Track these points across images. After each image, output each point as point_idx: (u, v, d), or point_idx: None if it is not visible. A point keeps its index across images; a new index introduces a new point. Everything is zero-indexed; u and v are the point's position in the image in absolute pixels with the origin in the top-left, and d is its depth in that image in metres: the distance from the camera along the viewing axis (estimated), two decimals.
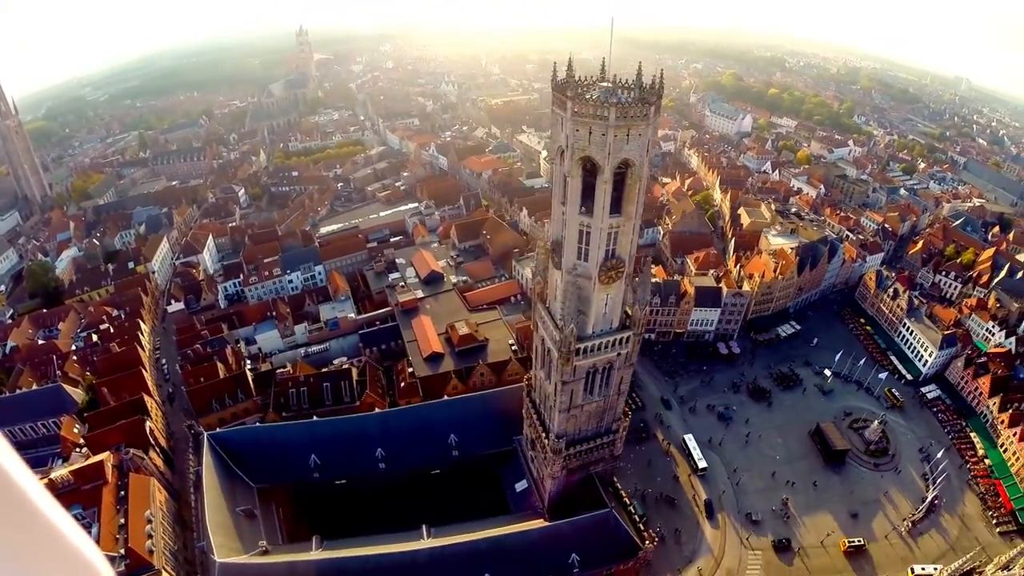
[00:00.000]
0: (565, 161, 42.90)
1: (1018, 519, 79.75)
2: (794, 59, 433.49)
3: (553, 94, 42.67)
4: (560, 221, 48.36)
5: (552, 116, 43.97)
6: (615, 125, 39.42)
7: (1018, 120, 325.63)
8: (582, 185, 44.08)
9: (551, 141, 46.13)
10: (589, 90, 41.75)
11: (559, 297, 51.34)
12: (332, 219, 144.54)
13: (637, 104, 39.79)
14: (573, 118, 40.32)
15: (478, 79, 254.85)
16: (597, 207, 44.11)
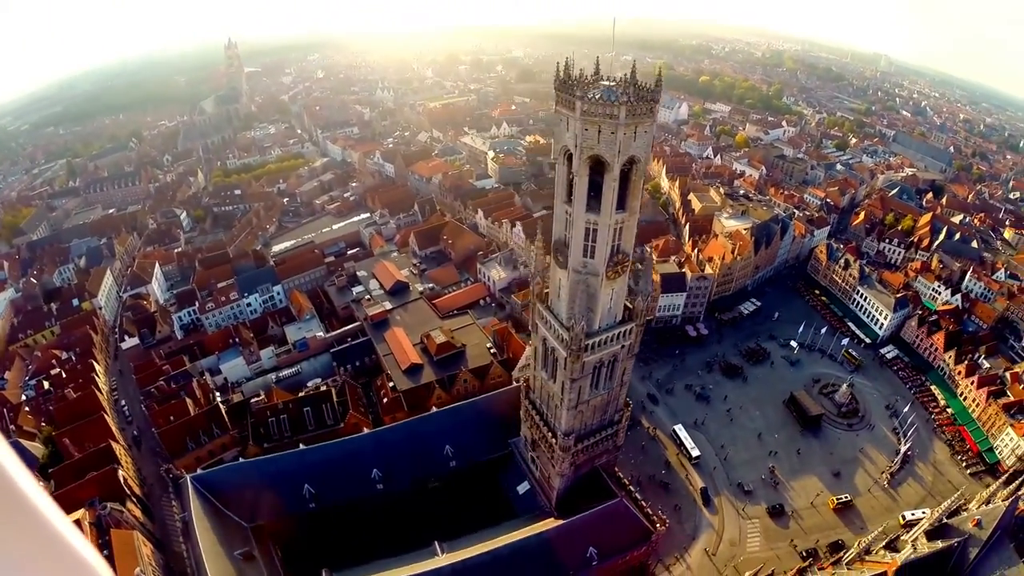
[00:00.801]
0: (574, 161, 44.20)
1: (985, 460, 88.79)
2: (720, 46, 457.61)
3: (558, 95, 43.86)
4: (564, 220, 49.81)
5: (555, 117, 45.18)
6: (625, 123, 41.08)
7: (937, 91, 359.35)
8: (589, 184, 45.62)
9: (554, 142, 47.29)
10: (590, 89, 43.36)
11: (565, 296, 52.87)
12: (283, 236, 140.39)
13: (644, 102, 41.78)
14: (582, 118, 41.50)
15: (413, 83, 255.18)
16: (604, 204, 45.77)
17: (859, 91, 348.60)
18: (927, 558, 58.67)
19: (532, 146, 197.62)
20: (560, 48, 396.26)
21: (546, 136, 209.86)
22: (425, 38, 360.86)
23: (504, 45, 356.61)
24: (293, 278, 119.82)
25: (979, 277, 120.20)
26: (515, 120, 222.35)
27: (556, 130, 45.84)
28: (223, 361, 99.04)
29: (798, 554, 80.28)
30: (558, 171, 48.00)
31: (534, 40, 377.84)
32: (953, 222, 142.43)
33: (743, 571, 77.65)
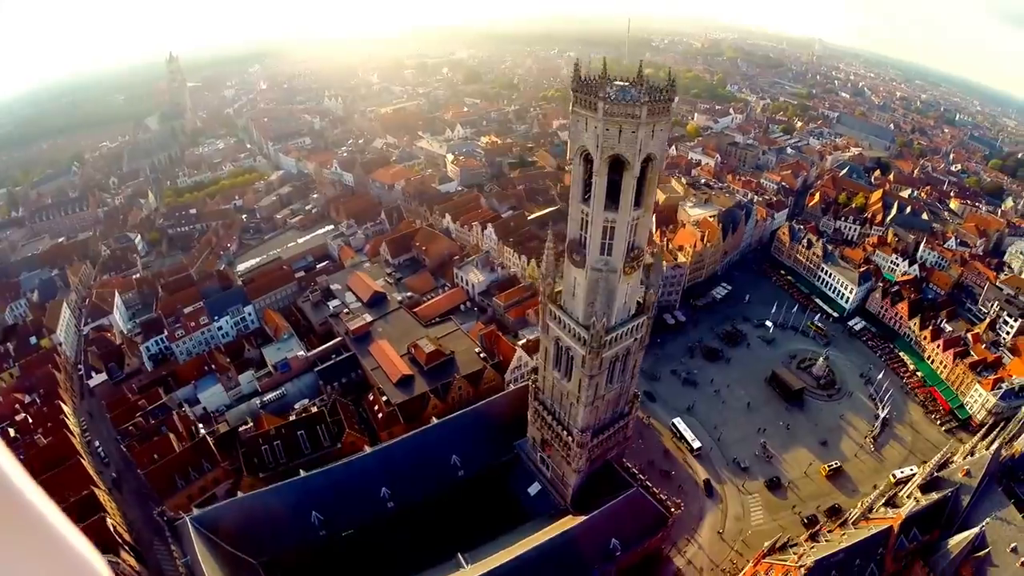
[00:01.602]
0: (594, 161, 45.68)
1: (957, 416, 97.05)
2: (660, 38, 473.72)
3: (576, 96, 44.98)
4: (579, 220, 51.34)
5: (573, 118, 46.38)
6: (646, 122, 42.96)
7: (872, 71, 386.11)
8: (608, 182, 47.37)
9: (570, 143, 48.81)
10: (604, 89, 45.08)
11: (581, 295, 54.46)
12: (247, 254, 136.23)
13: (662, 100, 43.86)
14: (605, 118, 42.98)
15: (360, 90, 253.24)
16: (623, 202, 47.57)
17: (798, 76, 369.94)
18: (926, 508, 64.07)
19: (490, 147, 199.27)
20: (503, 47, 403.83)
21: (501, 136, 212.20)
22: (367, 44, 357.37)
23: (447, 47, 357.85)
24: (264, 297, 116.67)
25: (932, 247, 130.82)
26: (468, 122, 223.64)
27: (572, 131, 47.27)
28: (200, 390, 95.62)
29: (801, 522, 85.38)
30: (574, 171, 49.49)
31: (476, 41, 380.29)
32: (902, 197, 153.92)
33: (752, 544, 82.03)
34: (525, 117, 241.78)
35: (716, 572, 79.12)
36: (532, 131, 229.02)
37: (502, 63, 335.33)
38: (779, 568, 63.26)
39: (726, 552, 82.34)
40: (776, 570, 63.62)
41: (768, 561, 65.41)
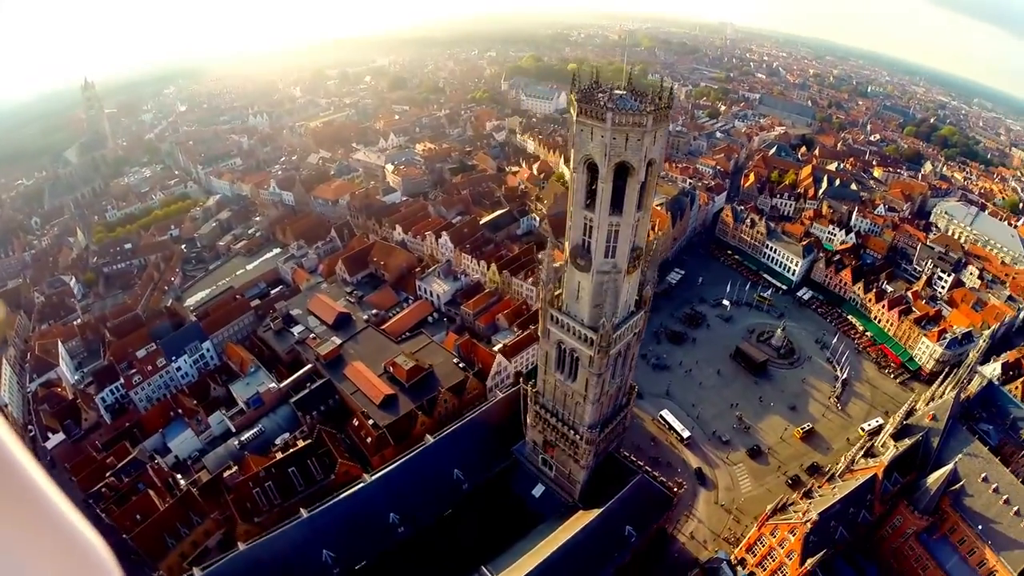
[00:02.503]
0: (601, 168, 48.00)
1: (908, 368, 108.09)
2: (576, 32, 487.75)
3: (581, 107, 46.96)
4: (582, 226, 53.67)
5: (577, 128, 48.37)
6: (650, 130, 45.76)
7: (784, 50, 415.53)
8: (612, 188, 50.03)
9: (574, 152, 50.33)
10: (606, 99, 47.74)
11: (587, 298, 56.95)
12: (194, 286, 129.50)
13: (665, 108, 47.04)
14: (613, 128, 45.24)
15: (285, 104, 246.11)
16: (627, 206, 50.14)
17: (715, 61, 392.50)
18: (903, 454, 71.79)
19: (427, 154, 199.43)
20: (422, 52, 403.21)
21: (435, 141, 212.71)
22: (284, 56, 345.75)
23: (366, 55, 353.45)
24: (222, 330, 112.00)
25: (864, 215, 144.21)
26: (401, 130, 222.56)
27: (576, 141, 49.07)
28: (169, 437, 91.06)
29: (786, 483, 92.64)
30: (576, 180, 51.58)
31: (395, 47, 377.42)
32: (830, 170, 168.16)
33: (745, 511, 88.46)
34: (457, 120, 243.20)
35: (719, 542, 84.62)
36: (466, 134, 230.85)
37: (424, 68, 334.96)
38: (784, 527, 68.86)
39: (724, 521, 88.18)
40: (782, 528, 69.20)
41: (773, 522, 70.84)
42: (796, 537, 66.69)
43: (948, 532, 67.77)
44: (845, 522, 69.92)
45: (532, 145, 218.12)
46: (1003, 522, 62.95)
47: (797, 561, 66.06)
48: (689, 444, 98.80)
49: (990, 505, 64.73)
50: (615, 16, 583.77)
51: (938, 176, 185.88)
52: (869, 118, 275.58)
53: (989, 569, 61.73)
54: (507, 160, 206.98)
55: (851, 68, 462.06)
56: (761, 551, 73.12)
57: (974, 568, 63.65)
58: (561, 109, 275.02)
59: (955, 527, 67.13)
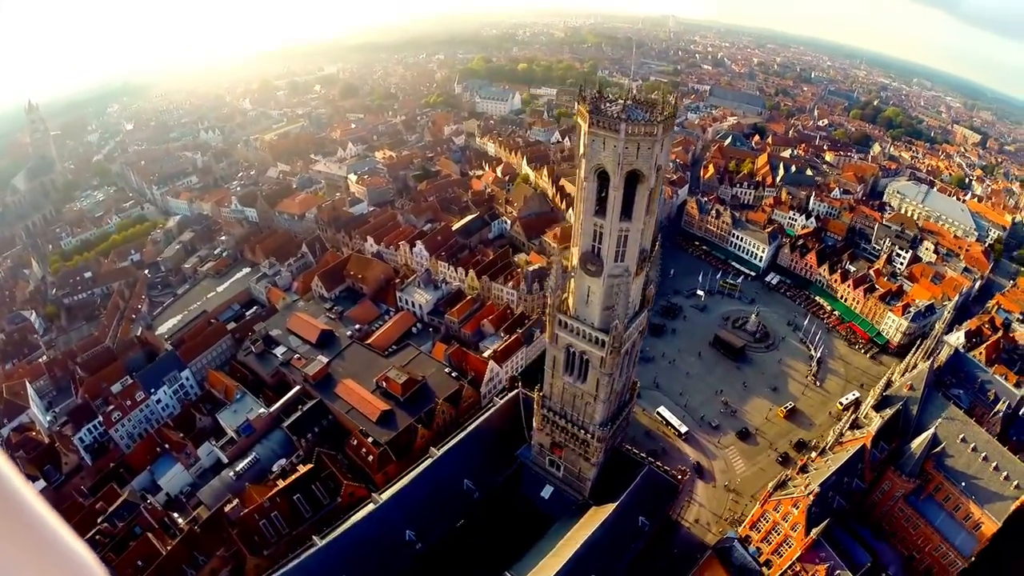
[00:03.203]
0: (613, 177, 50.51)
1: (876, 342, 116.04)
2: (522, 31, 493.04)
3: (593, 119, 49.27)
4: (592, 233, 56.25)
5: (589, 139, 50.32)
6: (659, 138, 48.49)
7: (727, 41, 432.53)
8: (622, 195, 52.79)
9: (586, 162, 52.02)
10: (610, 108, 50.52)
11: (597, 301, 59.53)
12: (163, 313, 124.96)
13: (671, 118, 50.09)
14: (627, 139, 47.85)
15: (236, 118, 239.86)
16: (637, 211, 53.20)
17: (661, 54, 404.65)
18: (887, 423, 77.90)
19: (389, 161, 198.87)
20: (370, 58, 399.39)
21: (394, 149, 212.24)
22: (229, 68, 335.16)
23: (313, 63, 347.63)
24: (200, 357, 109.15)
25: (821, 199, 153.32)
26: (358, 139, 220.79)
27: (588, 151, 51.21)
28: (159, 475, 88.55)
29: (777, 461, 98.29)
30: (588, 188, 53.86)
31: (342, 54, 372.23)
32: (784, 157, 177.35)
33: (743, 491, 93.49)
34: (415, 126, 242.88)
35: (721, 523, 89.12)
36: (425, 139, 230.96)
37: (374, 74, 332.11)
38: (787, 501, 73.53)
39: (724, 503, 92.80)
40: (785, 503, 73.86)
41: (775, 499, 75.43)
42: (800, 510, 71.41)
43: (934, 492, 74.11)
44: (841, 491, 75.38)
45: (493, 148, 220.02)
46: (983, 478, 69.55)
47: (802, 532, 70.81)
48: (687, 438, 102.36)
49: (970, 463, 71.32)
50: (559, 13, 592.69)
51: (887, 157, 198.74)
52: (815, 103, 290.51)
53: (975, 522, 68.14)
54: (469, 164, 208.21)
55: (793, 55, 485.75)
56: (765, 527, 77.55)
57: (961, 522, 70.04)
58: (517, 110, 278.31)
59: (940, 486, 73.51)
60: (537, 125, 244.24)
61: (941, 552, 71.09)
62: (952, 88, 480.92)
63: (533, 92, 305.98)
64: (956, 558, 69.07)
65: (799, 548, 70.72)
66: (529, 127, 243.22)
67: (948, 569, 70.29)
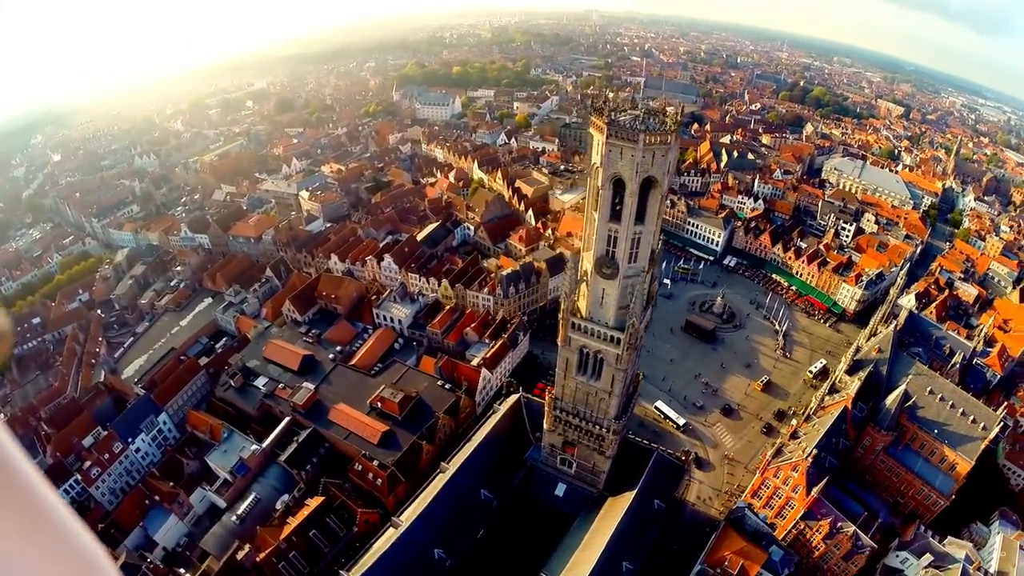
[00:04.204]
0: (629, 184, 53.74)
1: (833, 312, 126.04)
2: (449, 34, 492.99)
3: (611, 130, 52.18)
4: (607, 238, 59.40)
5: (606, 149, 53.07)
6: (672, 146, 52.31)
7: (652, 31, 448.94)
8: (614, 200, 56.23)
9: (603, 171, 54.65)
10: (621, 116, 53.80)
11: (612, 303, 62.57)
12: (126, 355, 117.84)
13: (680, 126, 53.82)
14: (645, 148, 51.14)
15: (170, 141, 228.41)
16: (650, 214, 56.80)
17: (590, 48, 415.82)
18: (862, 385, 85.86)
19: (339, 175, 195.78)
20: (300, 70, 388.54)
21: (340, 161, 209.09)
22: (154, 89, 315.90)
23: (241, 79, 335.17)
24: (175, 398, 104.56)
25: (765, 181, 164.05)
26: (302, 153, 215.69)
27: (605, 160, 54.08)
28: (152, 529, 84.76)
29: (761, 431, 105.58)
30: (603, 196, 56.73)
31: (269, 67, 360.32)
32: (725, 143, 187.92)
33: (736, 464, 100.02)
34: (358, 137, 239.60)
35: (723, 496, 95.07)
36: (370, 150, 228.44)
37: (306, 86, 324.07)
38: (787, 467, 79.63)
39: (721, 477, 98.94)
40: (784, 469, 79.95)
41: (775, 465, 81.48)
42: (800, 472, 77.65)
43: (910, 441, 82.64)
44: (831, 451, 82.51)
45: (441, 154, 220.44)
46: (952, 423, 78.39)
47: (803, 493, 77.14)
48: (685, 431, 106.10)
49: (939, 412, 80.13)
50: (483, 13, 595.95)
51: (819, 135, 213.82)
52: (745, 88, 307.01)
53: (950, 463, 76.75)
54: (420, 172, 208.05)
55: (717, 41, 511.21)
56: (767, 493, 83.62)
57: (937, 465, 78.60)
58: (458, 114, 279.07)
59: (915, 436, 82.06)
60: (482, 128, 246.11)
61: (923, 495, 79.55)
62: (871, 64, 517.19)
63: (471, 95, 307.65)
64: (938, 498, 77.55)
65: (802, 507, 77.13)
66: (474, 130, 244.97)
67: (932, 509, 78.81)
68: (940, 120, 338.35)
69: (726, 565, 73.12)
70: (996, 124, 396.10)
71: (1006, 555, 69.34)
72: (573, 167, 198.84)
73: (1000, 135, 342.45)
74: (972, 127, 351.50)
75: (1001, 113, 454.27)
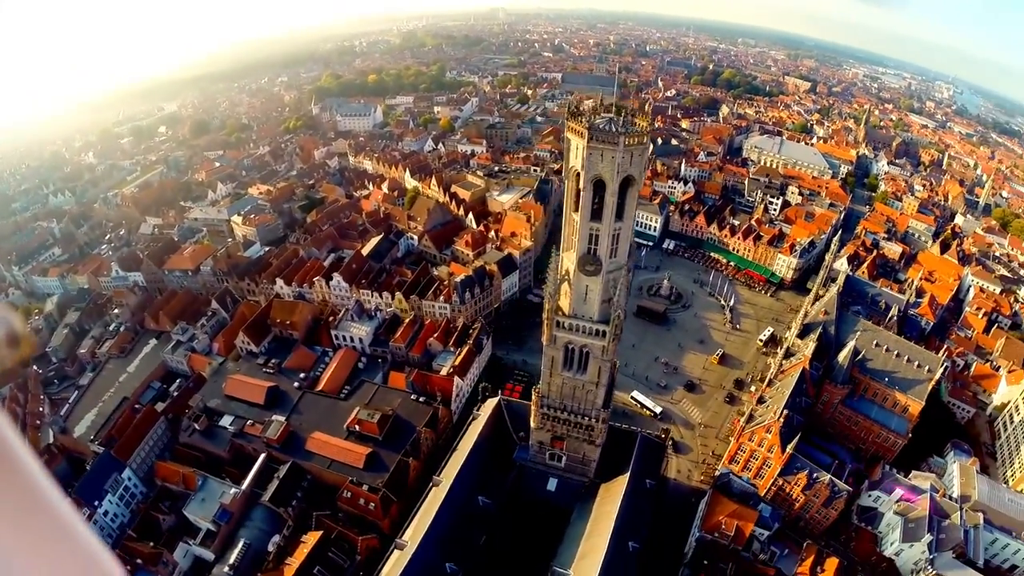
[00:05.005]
0: (609, 184, 55.31)
1: (772, 281, 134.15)
2: (358, 42, 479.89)
3: (593, 133, 53.13)
4: (587, 237, 60.66)
5: (586, 152, 54.19)
6: (647, 145, 54.43)
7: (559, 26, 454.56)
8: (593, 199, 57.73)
9: (584, 172, 55.43)
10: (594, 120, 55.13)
11: (596, 297, 63.94)
12: (74, 412, 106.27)
13: (651, 124, 55.67)
14: (624, 149, 52.91)
15: (84, 175, 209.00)
16: (628, 211, 58.71)
17: (502, 47, 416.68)
18: (817, 347, 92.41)
19: (269, 196, 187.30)
20: (210, 90, 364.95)
21: (267, 181, 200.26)
22: (56, 123, 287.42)
23: (150, 104, 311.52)
24: (137, 452, 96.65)
25: (691, 165, 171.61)
26: (227, 177, 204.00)
27: (587, 163, 55.15)
28: None
29: (725, 401, 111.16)
30: (583, 197, 57.81)
31: (177, 90, 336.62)
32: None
33: (707, 435, 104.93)
34: (282, 155, 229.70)
35: (701, 466, 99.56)
36: (296, 167, 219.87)
37: (219, 107, 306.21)
38: (760, 430, 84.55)
39: (695, 448, 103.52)
40: (758, 432, 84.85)
41: (749, 430, 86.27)
42: (773, 433, 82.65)
43: (864, 392, 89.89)
44: (796, 410, 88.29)
45: (371, 165, 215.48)
46: (899, 370, 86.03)
47: (778, 451, 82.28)
48: (662, 419, 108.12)
49: (887, 361, 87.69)
50: (389, 19, 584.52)
51: (735, 116, 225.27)
52: (658, 75, 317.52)
53: (903, 406, 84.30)
54: (352, 185, 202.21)
55: (624, 31, 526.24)
56: (743, 457, 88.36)
57: (891, 409, 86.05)
58: (380, 124, 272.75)
59: (867, 386, 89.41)
60: (408, 136, 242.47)
61: (883, 438, 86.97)
62: (774, 42, 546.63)
63: (390, 103, 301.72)
64: (896, 439, 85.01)
65: (778, 465, 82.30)
66: (400, 139, 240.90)
67: (891, 449, 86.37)
68: (845, 91, 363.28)
69: (723, 528, 76.89)
70: (898, 90, 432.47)
71: (965, 480, 77.38)
72: (507, 167, 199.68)
73: (903, 100, 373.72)
74: (876, 95, 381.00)
75: (901, 80, 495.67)
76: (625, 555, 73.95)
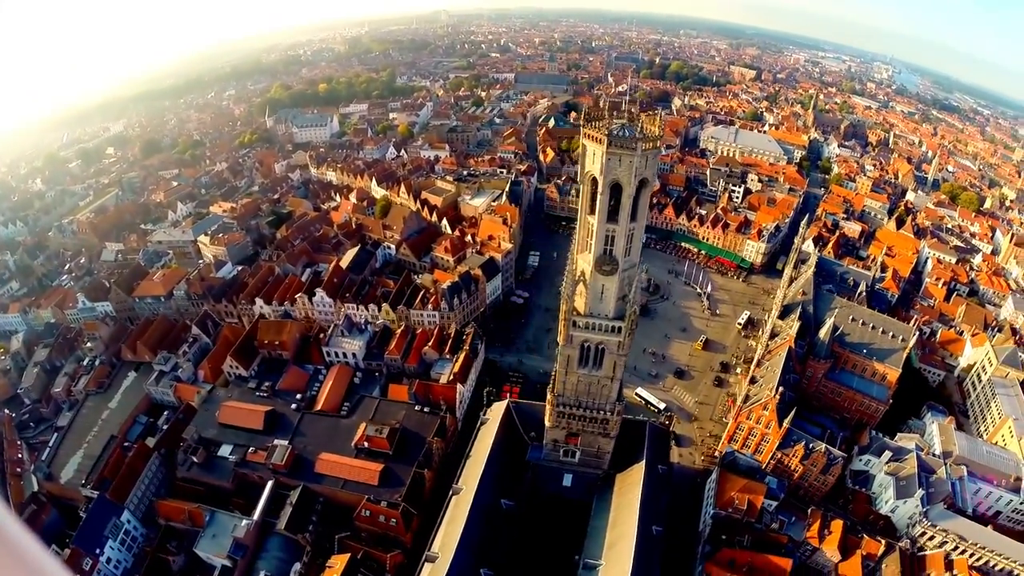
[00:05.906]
0: (626, 187, 56.59)
1: (743, 267, 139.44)
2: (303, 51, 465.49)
3: (613, 140, 54.36)
4: (604, 237, 61.90)
5: (605, 158, 55.40)
6: (660, 148, 56.03)
7: (503, 26, 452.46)
8: None
9: (603, 178, 56.61)
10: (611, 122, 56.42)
11: (612, 296, 65.23)
12: (58, 456, 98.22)
13: (661, 129, 57.19)
14: (643, 153, 54.68)
15: (33, 204, 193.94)
16: (640, 211, 60.18)
17: (448, 50, 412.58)
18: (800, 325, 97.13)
19: (234, 213, 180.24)
20: (156, 107, 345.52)
21: (229, 198, 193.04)
22: None
23: (94, 125, 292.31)
24: (133, 492, 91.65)
25: None
26: (186, 196, 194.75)
27: (605, 168, 56.28)
28: None
29: (713, 384, 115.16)
30: (601, 200, 59.12)
31: (120, 109, 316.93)
32: None
33: (701, 417, 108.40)
34: (241, 170, 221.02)
35: (702, 447, 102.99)
36: (257, 182, 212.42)
37: (167, 124, 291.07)
38: (757, 408, 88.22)
39: (693, 432, 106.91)
40: (755, 410, 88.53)
41: (746, 410, 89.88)
42: (770, 410, 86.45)
43: (844, 364, 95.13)
44: (786, 387, 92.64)
45: (335, 176, 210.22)
46: (876, 341, 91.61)
47: (776, 426, 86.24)
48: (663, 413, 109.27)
49: (863, 334, 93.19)
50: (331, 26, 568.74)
51: (688, 108, 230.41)
52: (608, 71, 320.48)
53: (881, 375, 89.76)
54: (318, 197, 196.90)
55: (567, 29, 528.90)
56: (742, 435, 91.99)
57: (871, 379, 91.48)
58: (338, 133, 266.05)
59: (847, 359, 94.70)
60: (368, 144, 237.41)
61: (865, 405, 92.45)
62: (715, 32, 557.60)
63: (344, 111, 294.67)
64: (878, 405, 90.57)
65: (777, 439, 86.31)
66: (360, 147, 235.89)
67: (874, 416, 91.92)
68: (789, 77, 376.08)
69: (736, 503, 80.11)
70: (839, 73, 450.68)
71: (945, 437, 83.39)
72: (474, 171, 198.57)
73: (845, 83, 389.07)
74: (819, 79, 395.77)
75: (841, 63, 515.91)
76: (651, 539, 75.88)
